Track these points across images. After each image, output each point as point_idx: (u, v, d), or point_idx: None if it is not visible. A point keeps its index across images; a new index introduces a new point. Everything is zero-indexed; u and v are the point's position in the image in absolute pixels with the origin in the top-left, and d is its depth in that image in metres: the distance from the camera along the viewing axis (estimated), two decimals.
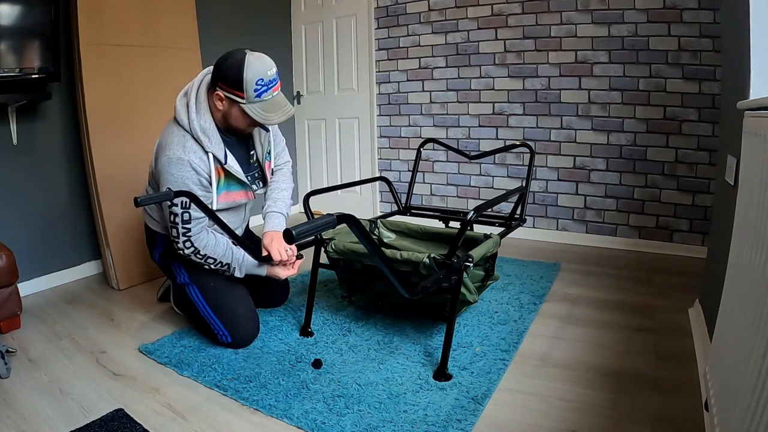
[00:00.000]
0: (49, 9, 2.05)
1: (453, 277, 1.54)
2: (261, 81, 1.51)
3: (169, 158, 1.57)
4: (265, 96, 1.54)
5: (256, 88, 1.52)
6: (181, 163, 1.56)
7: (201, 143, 1.59)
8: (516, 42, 2.96)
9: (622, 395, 1.40)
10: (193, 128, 1.58)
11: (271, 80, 1.54)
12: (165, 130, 1.66)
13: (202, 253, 1.64)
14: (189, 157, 1.57)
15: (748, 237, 0.99)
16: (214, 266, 1.68)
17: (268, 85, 1.54)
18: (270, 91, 1.55)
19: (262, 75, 1.51)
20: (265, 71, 1.52)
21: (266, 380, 1.53)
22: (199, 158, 1.60)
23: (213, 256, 1.66)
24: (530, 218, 3.07)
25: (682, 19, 2.48)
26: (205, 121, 1.60)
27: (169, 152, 1.57)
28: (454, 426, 1.28)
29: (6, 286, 1.88)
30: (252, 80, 1.50)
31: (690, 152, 2.58)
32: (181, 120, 1.61)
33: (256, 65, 1.51)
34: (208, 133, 1.60)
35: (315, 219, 0.97)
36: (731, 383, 0.94)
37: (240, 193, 1.75)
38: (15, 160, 2.25)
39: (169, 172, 1.57)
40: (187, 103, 1.62)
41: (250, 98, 1.53)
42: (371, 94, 3.53)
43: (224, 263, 1.68)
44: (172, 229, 1.62)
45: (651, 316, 1.91)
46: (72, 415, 1.38)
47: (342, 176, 3.79)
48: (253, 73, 1.50)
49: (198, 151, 1.60)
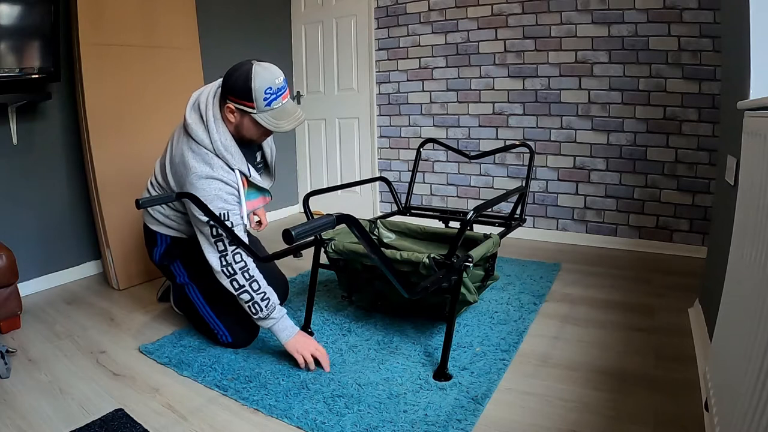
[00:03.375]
0: (49, 9, 2.05)
1: (453, 277, 1.54)
2: (269, 90, 1.52)
3: (197, 176, 1.56)
4: (274, 104, 1.54)
5: (266, 97, 1.52)
6: (210, 180, 1.57)
7: (226, 161, 1.60)
8: (516, 42, 2.96)
9: (622, 395, 1.40)
10: (217, 148, 1.58)
11: (279, 88, 1.55)
12: (181, 147, 1.62)
13: (251, 273, 1.59)
14: (218, 173, 1.58)
15: (748, 237, 0.99)
16: (257, 295, 1.58)
17: (277, 93, 1.54)
18: (279, 99, 1.55)
19: (270, 84, 1.52)
20: (273, 80, 1.53)
21: (266, 380, 1.53)
22: (227, 173, 1.61)
23: (257, 279, 1.60)
24: (530, 218, 3.07)
25: (682, 19, 2.48)
26: (225, 138, 1.60)
27: (196, 171, 1.56)
28: (454, 426, 1.28)
29: (6, 286, 1.89)
30: (261, 90, 1.51)
31: (690, 152, 2.58)
32: (200, 139, 1.59)
33: (264, 75, 1.52)
34: (230, 150, 1.60)
35: (315, 219, 0.97)
36: (731, 383, 0.94)
37: (258, 200, 1.79)
38: (15, 160, 2.25)
39: (201, 188, 1.55)
40: (202, 119, 1.60)
41: (260, 108, 1.53)
42: (371, 94, 3.53)
43: (267, 294, 1.60)
44: (217, 244, 1.57)
45: (651, 316, 1.91)
46: (72, 415, 1.38)
47: (342, 176, 3.79)
48: (261, 82, 1.51)
49: (224, 166, 1.60)
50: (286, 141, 3.87)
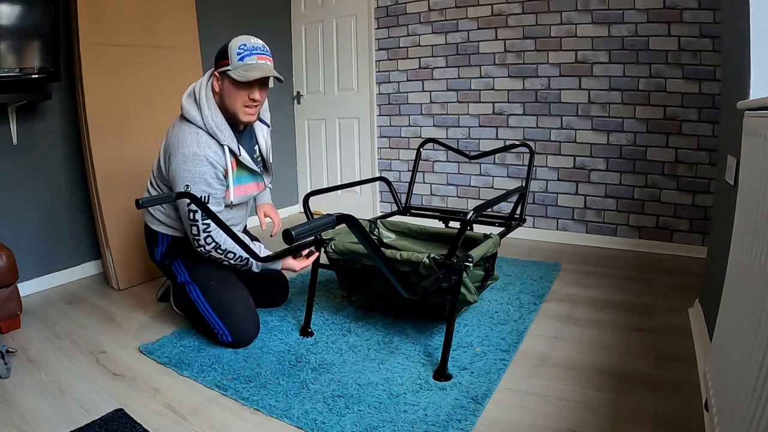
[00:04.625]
0: (49, 9, 2.05)
1: (453, 277, 1.54)
2: (243, 46, 1.60)
3: (184, 155, 1.59)
4: (248, 60, 1.60)
5: (239, 52, 1.59)
6: (197, 159, 1.60)
7: (216, 137, 1.64)
8: (516, 42, 2.96)
9: (622, 395, 1.40)
10: (208, 124, 1.63)
11: (254, 47, 1.61)
12: (174, 130, 1.67)
13: (223, 248, 1.68)
14: (205, 152, 1.61)
15: (748, 237, 0.99)
16: (233, 261, 1.71)
17: (251, 51, 1.61)
18: (254, 56, 1.61)
19: (244, 42, 1.61)
20: (248, 39, 1.62)
21: (266, 380, 1.53)
22: (215, 152, 1.63)
23: (233, 250, 1.69)
24: (530, 218, 3.07)
25: (682, 19, 2.48)
26: (216, 116, 1.65)
27: (183, 149, 1.60)
28: (454, 426, 1.28)
29: (6, 286, 1.89)
30: (235, 46, 1.60)
31: (690, 152, 2.58)
32: (192, 118, 1.64)
33: (240, 37, 1.62)
34: (221, 127, 1.65)
35: (315, 219, 0.97)
36: (731, 383, 0.94)
37: (251, 185, 1.81)
38: (15, 160, 2.25)
39: (186, 169, 1.59)
40: (196, 101, 1.66)
41: (234, 63, 1.60)
42: (371, 94, 3.53)
43: (243, 257, 1.71)
44: (192, 227, 1.64)
45: (651, 316, 1.91)
46: (72, 415, 1.38)
47: (342, 176, 3.79)
48: (236, 41, 1.61)
49: (213, 145, 1.64)
50: (286, 141, 3.87)
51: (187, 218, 1.65)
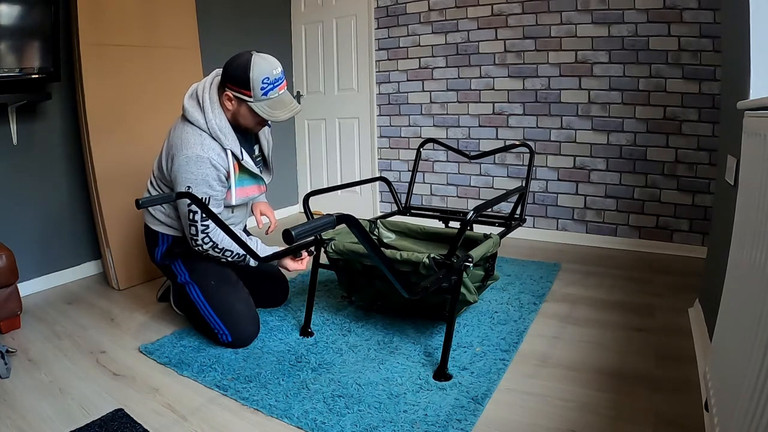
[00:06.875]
0: (49, 9, 2.05)
1: (453, 277, 1.54)
2: (267, 80, 1.57)
3: (187, 157, 1.59)
4: (271, 94, 1.60)
5: (263, 87, 1.57)
6: (201, 161, 1.60)
7: (219, 141, 1.64)
8: (516, 42, 2.96)
9: (622, 395, 1.40)
10: (211, 127, 1.62)
11: (276, 79, 1.60)
12: (176, 131, 1.67)
13: (221, 247, 1.69)
14: (208, 154, 1.61)
15: (748, 237, 0.99)
16: (231, 258, 1.72)
17: (274, 83, 1.59)
18: (276, 89, 1.60)
19: (267, 74, 1.57)
20: (270, 70, 1.58)
21: (266, 380, 1.53)
22: (218, 155, 1.64)
23: (230, 248, 1.70)
24: (530, 218, 3.07)
25: (682, 19, 2.48)
26: (220, 120, 1.64)
27: (187, 151, 1.60)
28: (454, 426, 1.28)
29: (6, 286, 1.88)
30: (258, 79, 1.56)
31: (690, 152, 2.58)
32: (195, 120, 1.63)
33: (262, 65, 1.57)
34: (224, 131, 1.64)
35: (315, 219, 0.97)
36: (731, 383, 0.94)
37: (253, 188, 1.81)
38: (15, 160, 2.25)
39: (189, 171, 1.60)
40: (199, 103, 1.65)
41: (257, 97, 1.58)
42: (371, 94, 3.53)
43: (241, 254, 1.72)
44: (190, 227, 1.65)
45: (651, 316, 1.91)
46: (72, 415, 1.38)
47: (342, 176, 3.79)
48: (258, 72, 1.56)
49: (216, 148, 1.64)
50: (286, 141, 3.87)
51: (186, 218, 1.65)
